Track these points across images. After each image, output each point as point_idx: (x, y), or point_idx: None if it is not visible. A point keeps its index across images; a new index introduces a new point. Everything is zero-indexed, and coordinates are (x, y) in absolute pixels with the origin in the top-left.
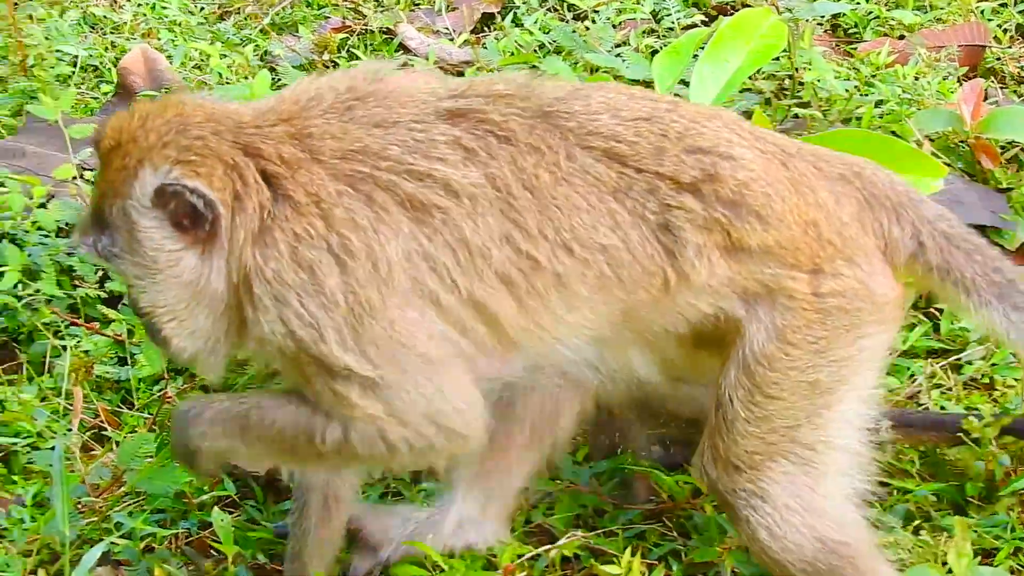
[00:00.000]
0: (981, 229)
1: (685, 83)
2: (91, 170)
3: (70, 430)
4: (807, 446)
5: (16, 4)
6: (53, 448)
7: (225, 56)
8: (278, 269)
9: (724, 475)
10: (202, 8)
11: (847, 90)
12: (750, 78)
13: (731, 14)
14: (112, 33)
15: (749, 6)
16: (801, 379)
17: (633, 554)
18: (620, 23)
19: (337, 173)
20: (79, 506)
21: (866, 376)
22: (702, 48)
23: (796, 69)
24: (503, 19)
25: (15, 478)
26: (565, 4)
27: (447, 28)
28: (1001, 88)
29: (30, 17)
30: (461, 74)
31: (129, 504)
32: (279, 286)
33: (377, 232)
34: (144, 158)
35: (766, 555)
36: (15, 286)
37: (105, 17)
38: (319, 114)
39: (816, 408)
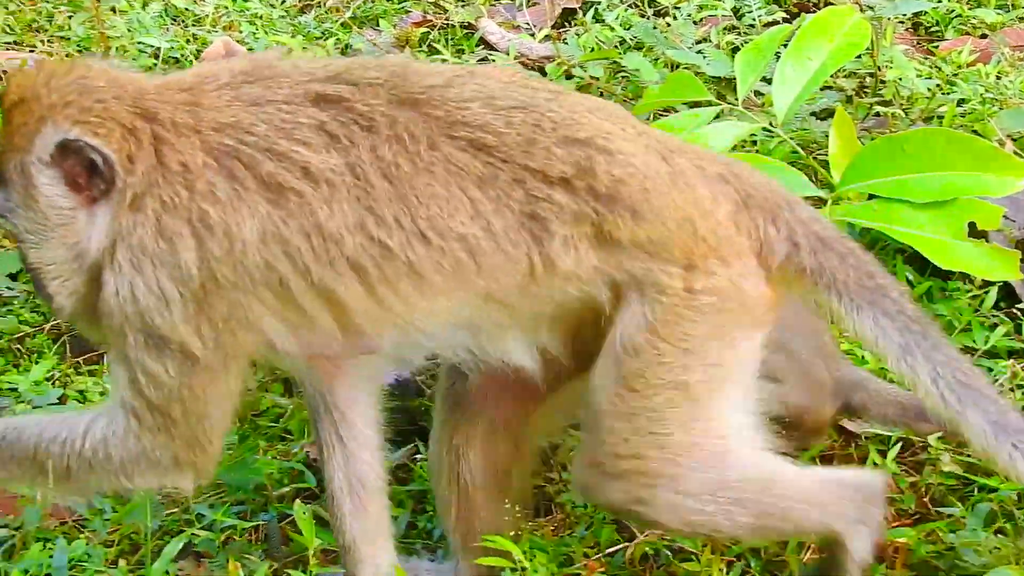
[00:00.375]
0: None
1: (767, 80)
2: None
3: None
4: (679, 444)
5: None
6: None
7: (306, 49)
8: (142, 236)
9: (596, 477)
10: (283, 1)
11: (929, 89)
12: (832, 76)
13: (812, 11)
14: (194, 25)
15: (832, 4)
16: (669, 377)
17: (712, 551)
18: (701, 19)
19: (208, 145)
20: (160, 497)
21: (740, 381)
22: (784, 46)
23: (878, 67)
24: (584, 14)
25: None
26: (646, 0)
27: (528, 23)
28: None
29: (113, 9)
30: (542, 70)
31: (210, 496)
32: (139, 252)
33: (236, 209)
34: (46, 116)
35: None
36: None
37: (187, 9)
38: (213, 88)
39: (686, 409)
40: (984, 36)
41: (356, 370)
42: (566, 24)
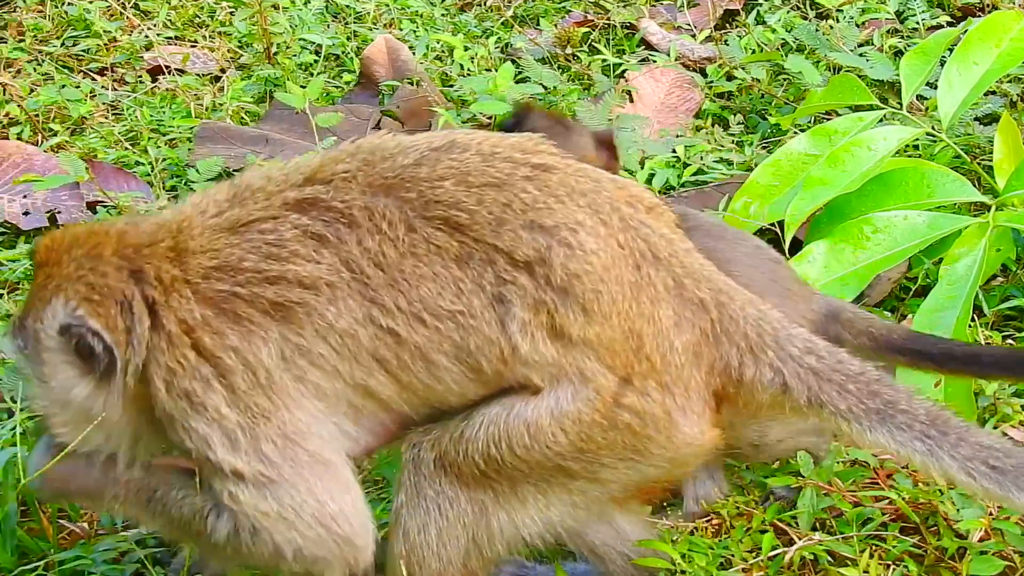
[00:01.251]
0: None
1: (931, 85)
2: None
3: None
4: (519, 498)
5: None
6: None
7: (468, 48)
8: (160, 400)
9: (430, 464)
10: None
11: None
12: (997, 81)
13: (978, 16)
14: (355, 22)
15: (996, 7)
16: (552, 460)
17: (871, 556)
18: (864, 23)
19: (203, 295)
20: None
21: (624, 488)
22: (949, 50)
23: None
24: (746, 16)
25: None
26: (808, 2)
27: (689, 24)
28: None
29: (275, 6)
30: (703, 71)
31: (369, 490)
32: (164, 415)
33: (250, 344)
34: (59, 286)
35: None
36: None
37: (348, 7)
38: (199, 224)
39: (552, 483)
40: None
41: None
42: (727, 25)
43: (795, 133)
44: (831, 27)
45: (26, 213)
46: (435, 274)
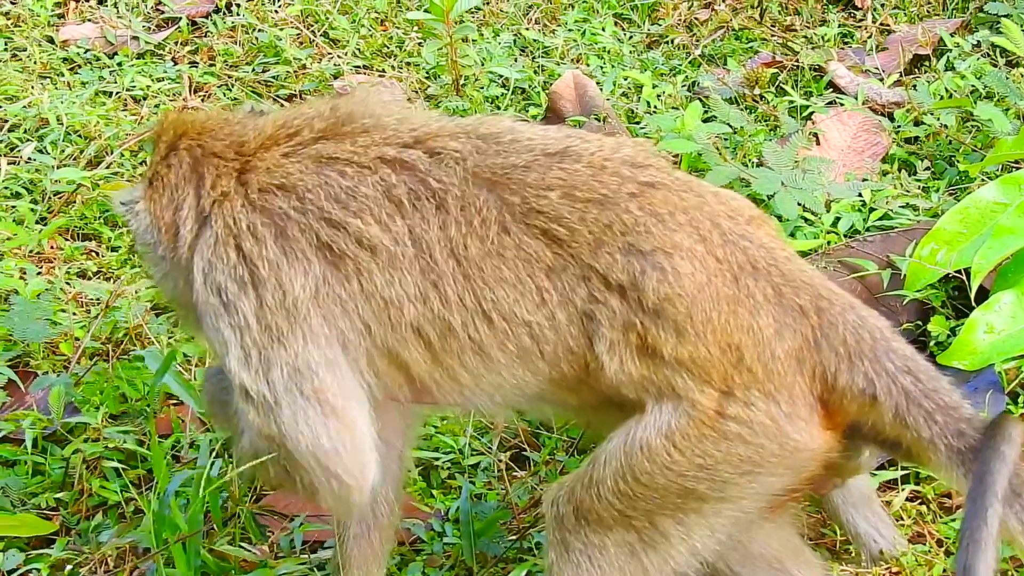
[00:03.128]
0: None
1: None
2: None
3: (490, 448)
4: (662, 532)
5: (456, 23)
6: (475, 465)
7: (655, 86)
8: (197, 291)
9: (571, 518)
10: (631, 36)
11: None
12: None
13: None
14: (542, 57)
15: None
16: (675, 481)
17: None
18: None
19: (255, 205)
20: (501, 524)
21: (754, 502)
22: None
23: None
24: (935, 61)
25: (434, 492)
26: (999, 50)
27: (877, 68)
28: None
29: (465, 39)
30: (890, 115)
31: (524, 557)
32: (201, 306)
33: (288, 266)
34: (154, 159)
35: None
36: None
37: (535, 41)
38: (282, 148)
39: (686, 508)
40: None
41: (400, 408)
42: (915, 70)
43: (983, 181)
44: (1022, 75)
45: None
46: (518, 280)
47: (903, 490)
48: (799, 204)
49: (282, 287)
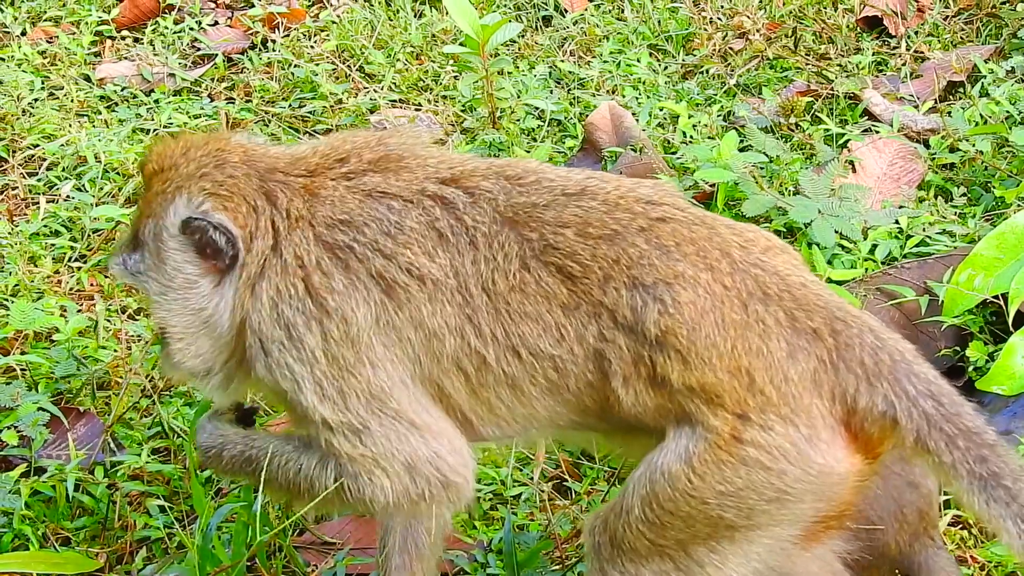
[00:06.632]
0: None
1: None
2: None
3: (531, 478)
4: (696, 561)
5: (491, 57)
6: (517, 496)
7: (691, 116)
8: (259, 321)
9: (607, 547)
10: (666, 67)
11: None
12: None
13: None
14: (578, 88)
15: None
16: (701, 510)
17: None
18: None
19: (322, 240)
20: (544, 555)
21: (787, 529)
22: None
23: None
24: (970, 88)
25: (476, 523)
26: None
27: (912, 95)
28: None
29: (500, 71)
30: (926, 142)
31: None
32: (263, 338)
33: (351, 295)
34: (182, 185)
35: None
36: None
37: (571, 72)
38: (336, 175)
39: (717, 537)
40: None
41: None
42: (950, 97)
43: (1019, 206)
44: None
45: None
46: (539, 315)
47: (945, 515)
48: (836, 232)
49: (345, 318)
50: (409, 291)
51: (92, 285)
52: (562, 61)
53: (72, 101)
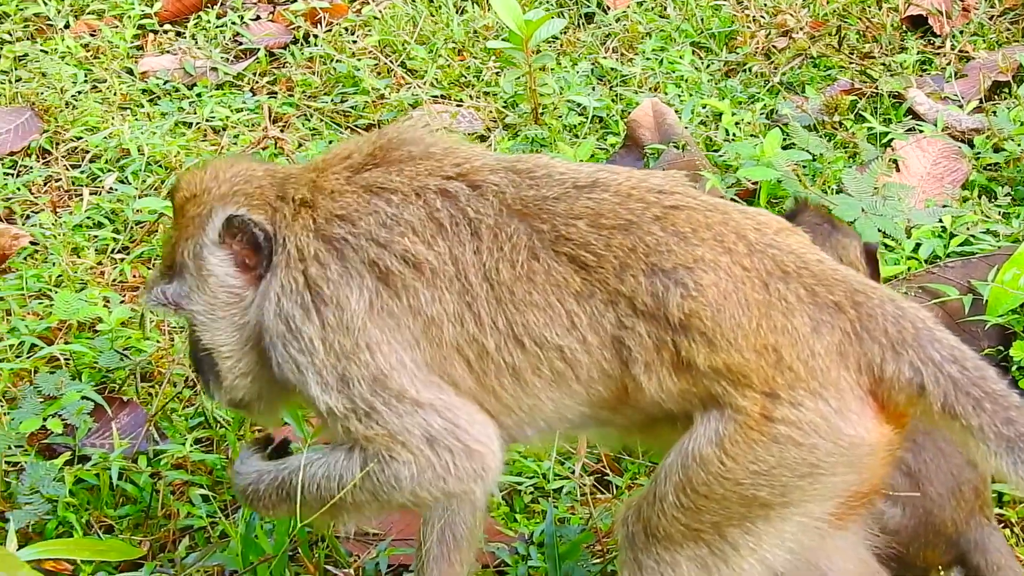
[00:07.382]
0: None
1: None
2: None
3: (573, 472)
4: (731, 544)
5: (534, 52)
6: (558, 489)
7: (734, 113)
8: (268, 318)
9: (641, 536)
10: (709, 64)
11: None
12: None
13: None
14: (620, 86)
15: None
16: (734, 490)
17: None
18: None
19: (321, 233)
20: (585, 548)
21: (820, 505)
22: None
23: None
24: (1016, 88)
25: (518, 516)
26: None
27: (956, 94)
28: None
29: (543, 67)
30: (970, 142)
31: None
32: (271, 334)
33: (346, 285)
34: (217, 203)
35: None
36: None
37: (613, 69)
38: (339, 170)
39: (751, 517)
40: None
41: None
42: (995, 96)
43: None
44: None
45: None
46: (548, 304)
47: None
48: (880, 231)
49: (341, 305)
50: (405, 278)
51: (135, 276)
52: (604, 58)
53: (115, 94)
